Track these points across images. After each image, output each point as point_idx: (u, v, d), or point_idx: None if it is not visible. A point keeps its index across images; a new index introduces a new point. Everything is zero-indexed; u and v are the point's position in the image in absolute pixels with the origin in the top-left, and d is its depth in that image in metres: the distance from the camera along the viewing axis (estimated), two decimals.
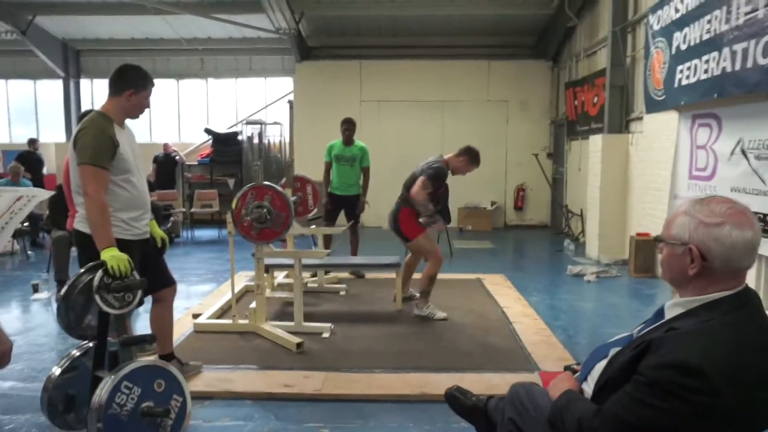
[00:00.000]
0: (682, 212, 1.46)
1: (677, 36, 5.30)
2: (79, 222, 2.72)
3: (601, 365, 1.57)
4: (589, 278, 5.89)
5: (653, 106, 6.04)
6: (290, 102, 10.76)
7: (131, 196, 2.74)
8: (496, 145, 10.32)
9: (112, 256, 2.42)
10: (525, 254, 8.19)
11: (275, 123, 10.82)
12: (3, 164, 10.94)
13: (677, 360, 1.28)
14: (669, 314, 1.47)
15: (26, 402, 2.95)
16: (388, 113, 10.37)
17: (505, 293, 5.18)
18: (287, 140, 10.89)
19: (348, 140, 5.80)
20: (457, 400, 2.22)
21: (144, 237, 2.85)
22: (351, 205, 5.74)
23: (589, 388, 1.59)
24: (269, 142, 10.69)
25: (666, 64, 5.60)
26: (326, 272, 5.58)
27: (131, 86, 2.72)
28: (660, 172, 5.97)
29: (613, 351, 1.54)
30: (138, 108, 2.78)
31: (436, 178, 4.27)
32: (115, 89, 2.72)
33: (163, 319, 3.10)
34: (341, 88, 10.29)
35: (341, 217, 5.85)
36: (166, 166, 10.24)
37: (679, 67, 5.25)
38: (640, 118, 6.60)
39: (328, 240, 5.63)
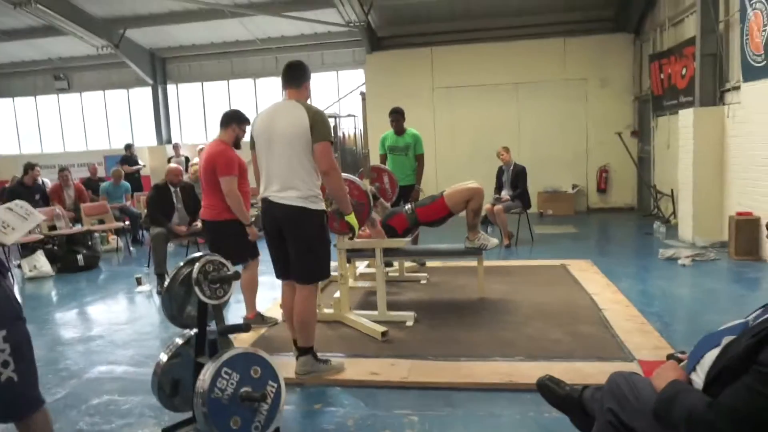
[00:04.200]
0: None
1: None
2: (303, 199, 2.97)
3: (712, 354, 1.46)
4: (684, 262, 5.52)
5: (753, 74, 5.54)
6: (362, 93, 10.82)
7: None
8: (575, 125, 9.93)
9: (357, 224, 3.12)
10: (611, 238, 7.83)
11: (349, 115, 10.93)
12: (105, 168, 11.85)
13: None
14: None
15: (138, 385, 3.19)
16: (461, 99, 10.22)
17: (592, 279, 4.97)
18: (361, 132, 11.00)
19: (398, 130, 5.79)
20: (550, 390, 2.16)
21: None
22: (409, 193, 5.74)
23: (699, 378, 1.49)
24: (344, 135, 10.83)
25: (767, 26, 5.11)
26: (422, 263, 5.68)
27: (308, 78, 3.12)
28: (763, 145, 5.47)
29: (726, 339, 1.43)
30: (310, 97, 3.17)
31: None
32: (296, 83, 3.08)
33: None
34: (412, 76, 10.26)
35: None
36: None
37: None
38: (737, 88, 6.07)
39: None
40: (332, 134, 3.00)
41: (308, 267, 3.09)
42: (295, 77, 3.08)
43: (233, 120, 3.99)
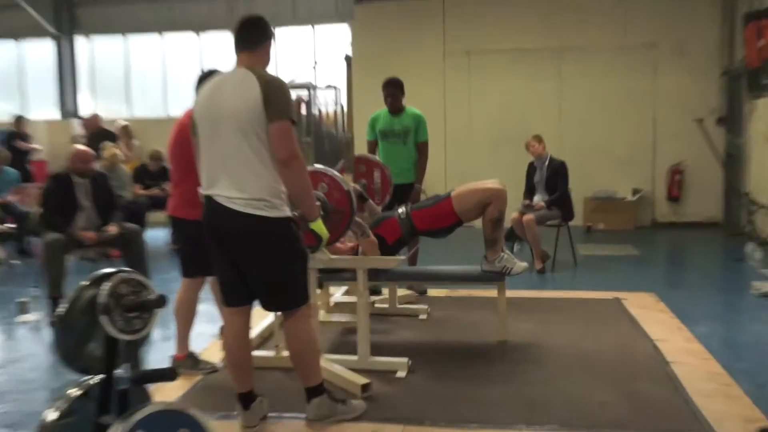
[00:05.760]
0: None
1: None
2: (259, 202, 2.99)
3: None
4: None
5: None
6: (347, 58, 10.86)
7: None
8: (639, 109, 10.03)
9: (327, 233, 3.18)
10: (686, 264, 7.87)
11: (329, 87, 10.96)
12: None
13: None
14: None
15: None
16: (483, 69, 10.29)
17: (657, 320, 5.00)
18: (345, 109, 11.02)
19: (394, 108, 5.84)
20: None
21: None
22: (407, 195, 5.76)
23: None
24: (320, 113, 10.84)
25: None
26: (422, 291, 5.74)
27: (267, 38, 3.18)
28: None
29: None
30: (269, 64, 3.21)
31: None
32: (251, 45, 3.14)
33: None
34: (417, 35, 10.34)
35: None
36: None
37: None
38: None
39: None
40: (293, 110, 3.04)
41: (284, 292, 3.18)
42: (250, 37, 3.16)
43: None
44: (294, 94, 10.60)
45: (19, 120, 10.83)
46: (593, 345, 4.45)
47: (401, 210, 4.63)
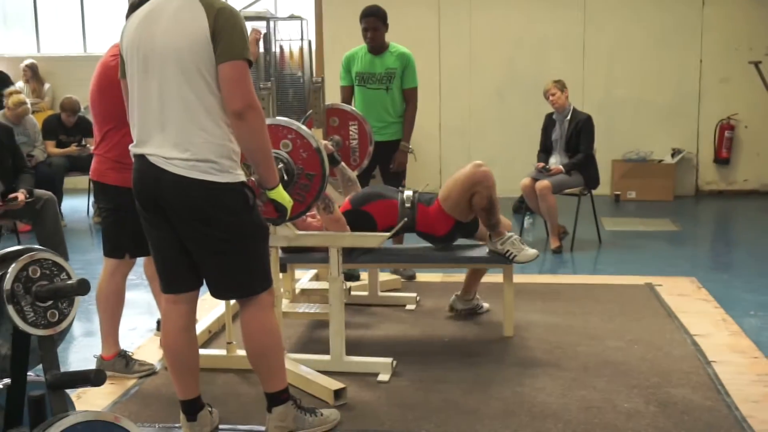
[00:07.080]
0: None
1: None
2: (205, 164, 2.98)
3: None
4: None
5: None
6: None
7: None
8: (680, 48, 10.03)
9: (290, 200, 3.22)
10: (735, 242, 7.95)
11: (292, 17, 10.90)
12: None
13: None
14: None
15: None
16: None
17: (697, 310, 5.07)
18: (312, 46, 10.96)
19: (375, 45, 5.82)
20: None
21: None
22: (389, 157, 5.80)
23: None
24: (282, 50, 10.79)
25: None
26: (410, 275, 5.87)
27: None
28: None
29: None
30: None
31: None
32: None
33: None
34: None
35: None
36: None
37: None
38: None
39: None
40: (249, 49, 3.01)
41: (240, 275, 3.17)
42: None
43: None
44: (249, 26, 10.57)
45: None
46: (619, 342, 4.50)
47: (408, 194, 4.60)
